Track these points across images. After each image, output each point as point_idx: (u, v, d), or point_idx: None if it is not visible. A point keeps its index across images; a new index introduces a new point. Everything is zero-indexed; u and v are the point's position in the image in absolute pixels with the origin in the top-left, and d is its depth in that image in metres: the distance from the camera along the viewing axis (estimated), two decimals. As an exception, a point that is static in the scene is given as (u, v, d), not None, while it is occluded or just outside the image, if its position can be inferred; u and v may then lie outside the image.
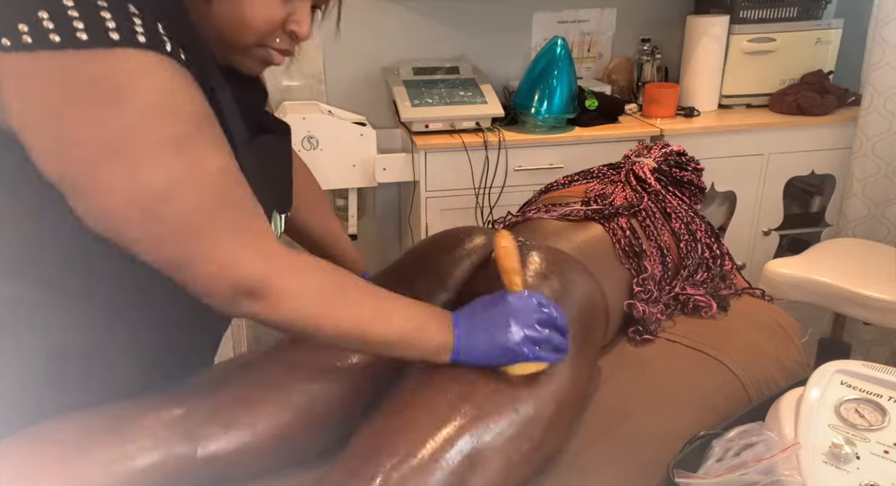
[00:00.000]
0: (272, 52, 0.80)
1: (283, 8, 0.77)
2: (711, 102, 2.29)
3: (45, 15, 0.60)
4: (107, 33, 0.61)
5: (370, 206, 2.37)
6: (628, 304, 1.14)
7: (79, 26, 0.60)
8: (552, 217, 1.24)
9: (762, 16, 2.23)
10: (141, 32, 0.63)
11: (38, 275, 0.74)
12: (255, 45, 0.79)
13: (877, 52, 2.06)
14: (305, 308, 0.73)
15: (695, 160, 1.43)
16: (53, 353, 0.77)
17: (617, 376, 1.05)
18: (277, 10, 0.77)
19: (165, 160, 0.65)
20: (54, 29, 0.60)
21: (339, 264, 1.24)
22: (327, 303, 0.75)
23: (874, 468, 0.81)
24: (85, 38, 0.60)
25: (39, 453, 0.75)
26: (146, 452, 0.78)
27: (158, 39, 0.65)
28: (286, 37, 0.80)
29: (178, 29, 0.70)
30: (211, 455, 0.81)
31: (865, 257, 1.84)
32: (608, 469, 0.90)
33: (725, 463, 0.84)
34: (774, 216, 2.26)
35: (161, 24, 0.66)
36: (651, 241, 1.22)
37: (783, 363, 1.16)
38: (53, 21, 0.60)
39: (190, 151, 0.66)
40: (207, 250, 0.68)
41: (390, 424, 0.80)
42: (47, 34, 0.60)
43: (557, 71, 2.04)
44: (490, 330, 0.82)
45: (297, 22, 0.79)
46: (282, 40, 0.80)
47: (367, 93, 2.28)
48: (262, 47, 0.79)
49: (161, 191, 0.65)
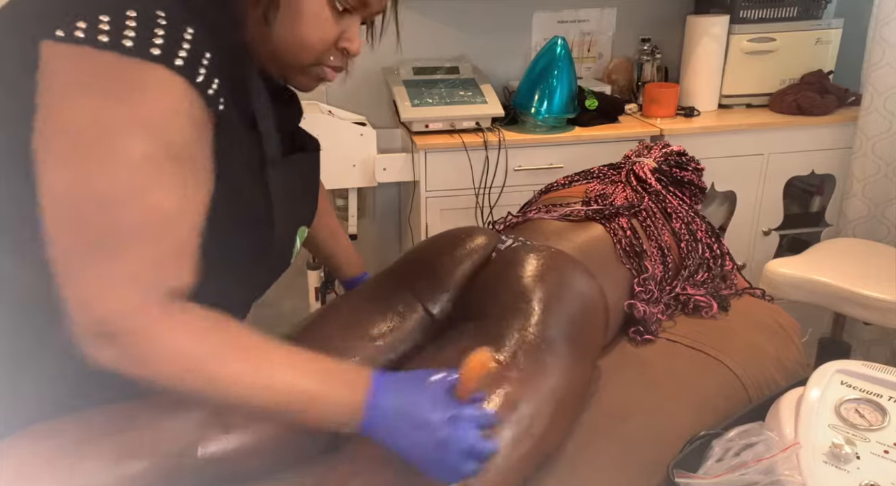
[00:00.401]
0: (326, 69, 0.84)
1: (336, 27, 0.80)
2: (711, 102, 2.28)
3: (105, 19, 0.64)
4: (150, 48, 0.65)
5: (370, 206, 2.37)
6: (629, 304, 1.14)
7: (129, 35, 0.65)
8: (553, 217, 1.24)
9: (762, 16, 2.23)
10: (182, 56, 0.67)
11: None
12: (312, 64, 0.82)
13: (877, 52, 2.06)
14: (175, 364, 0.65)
15: (695, 160, 1.43)
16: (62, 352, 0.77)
17: (617, 376, 1.05)
18: (331, 29, 0.80)
19: (113, 172, 0.64)
20: (107, 31, 0.64)
21: (340, 264, 1.26)
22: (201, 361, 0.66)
23: (874, 468, 0.81)
24: (129, 45, 0.64)
25: (39, 453, 0.75)
26: (147, 453, 0.78)
27: (195, 68, 0.68)
28: (339, 54, 0.84)
29: (228, 55, 0.72)
30: (211, 456, 0.81)
31: (865, 257, 1.84)
32: (608, 469, 0.90)
33: (725, 463, 0.84)
34: (774, 216, 2.25)
35: (209, 53, 0.69)
36: (652, 241, 1.22)
37: (783, 363, 1.16)
38: (110, 25, 0.64)
39: (142, 177, 0.65)
40: (86, 275, 0.64)
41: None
42: (98, 34, 0.64)
43: (557, 71, 2.04)
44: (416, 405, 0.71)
45: (348, 39, 0.83)
46: (336, 58, 0.84)
47: (367, 93, 2.27)
48: (318, 66, 0.83)
49: (90, 197, 0.64)
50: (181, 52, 0.66)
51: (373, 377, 0.72)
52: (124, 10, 0.65)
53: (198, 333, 0.67)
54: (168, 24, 0.66)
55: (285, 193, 0.83)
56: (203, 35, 0.69)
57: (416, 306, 1.01)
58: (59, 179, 0.64)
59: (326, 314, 1.03)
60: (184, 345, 0.66)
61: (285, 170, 0.84)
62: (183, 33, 0.67)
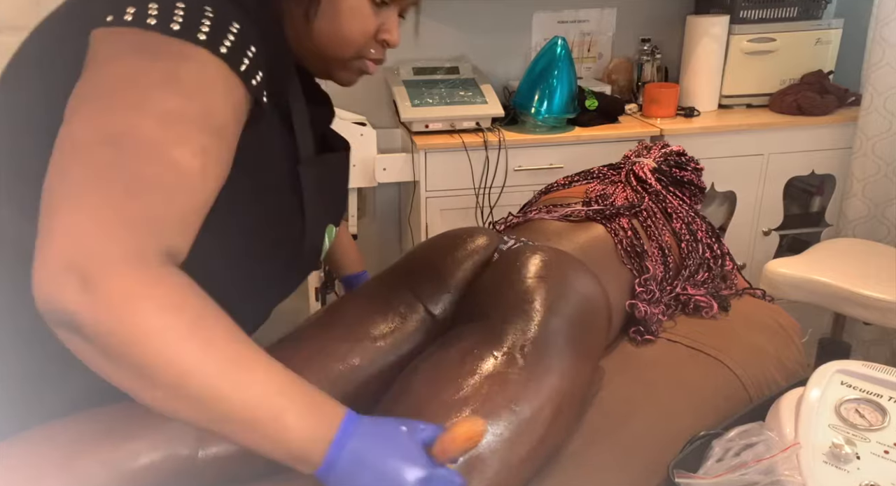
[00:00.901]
0: (367, 62, 0.85)
1: (375, 19, 0.82)
2: (711, 102, 2.29)
3: (154, 5, 0.66)
4: (196, 33, 0.66)
5: (370, 206, 2.37)
6: (630, 304, 1.14)
7: (177, 19, 0.65)
8: (553, 218, 1.24)
9: (762, 16, 2.23)
10: (227, 45, 0.67)
11: None
12: (353, 57, 0.83)
13: (877, 52, 2.06)
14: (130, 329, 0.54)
15: (695, 160, 1.43)
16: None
17: (618, 377, 1.05)
18: (371, 21, 0.81)
19: (137, 121, 0.61)
20: (155, 15, 0.65)
21: (339, 260, 1.26)
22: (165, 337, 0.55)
23: (874, 468, 0.81)
24: (176, 29, 0.65)
25: (40, 453, 0.75)
26: (147, 452, 0.78)
27: (238, 58, 0.68)
28: (379, 46, 0.85)
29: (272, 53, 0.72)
30: (212, 456, 0.81)
31: (865, 257, 1.85)
32: (609, 469, 0.90)
33: (725, 463, 0.84)
34: (774, 216, 2.26)
35: (254, 46, 0.69)
36: (652, 241, 1.22)
37: (783, 363, 1.16)
38: (158, 10, 0.65)
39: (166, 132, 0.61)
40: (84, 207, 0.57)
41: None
42: (146, 18, 0.65)
43: (557, 71, 2.04)
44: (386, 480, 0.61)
45: (388, 30, 0.84)
46: (376, 50, 0.85)
47: (367, 93, 2.27)
48: (359, 59, 0.84)
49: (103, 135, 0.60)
50: (226, 41, 0.67)
51: (347, 414, 0.62)
52: (174, 1, 0.66)
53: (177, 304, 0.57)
54: (215, 17, 0.67)
55: (316, 191, 0.84)
56: (249, 31, 0.70)
57: (417, 307, 1.01)
58: (80, 123, 0.61)
59: (328, 315, 1.03)
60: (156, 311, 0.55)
61: (317, 168, 0.85)
62: (229, 26, 0.68)
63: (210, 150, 0.65)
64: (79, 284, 0.54)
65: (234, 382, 0.57)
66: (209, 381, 0.56)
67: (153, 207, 0.59)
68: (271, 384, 0.60)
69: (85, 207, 0.57)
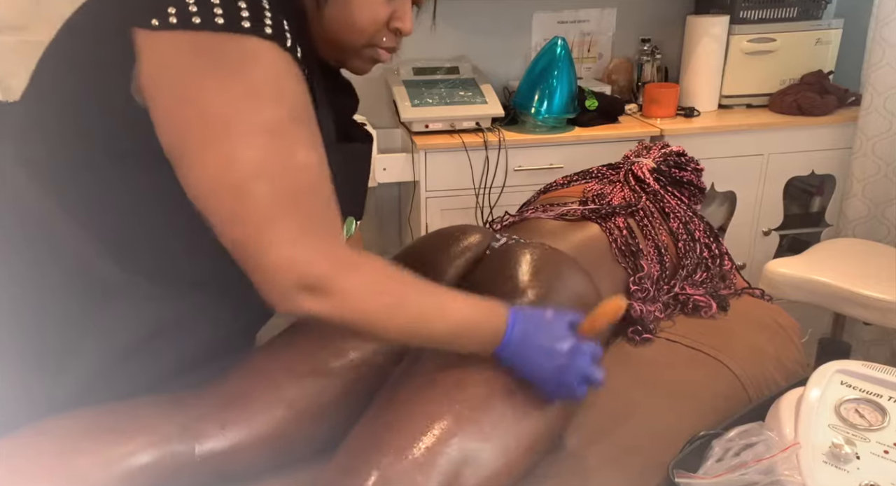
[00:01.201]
0: (380, 51, 0.86)
1: (387, 7, 0.82)
2: (711, 102, 2.28)
3: (191, 1, 0.68)
4: (240, 21, 0.68)
5: (370, 206, 2.37)
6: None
7: (218, 12, 0.68)
8: (549, 217, 1.24)
9: (762, 16, 2.23)
10: (269, 25, 0.70)
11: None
12: (365, 45, 0.84)
13: (877, 52, 2.06)
14: (367, 308, 0.73)
15: (694, 160, 1.43)
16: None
17: (617, 376, 1.05)
18: (382, 9, 0.82)
19: (257, 143, 0.68)
20: (197, 12, 0.68)
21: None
22: (389, 303, 0.74)
23: (874, 468, 0.81)
24: (221, 22, 0.68)
25: (39, 450, 0.76)
26: (144, 450, 0.78)
27: (282, 34, 0.71)
28: (391, 34, 0.85)
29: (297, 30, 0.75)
30: (208, 454, 0.81)
31: (865, 257, 1.84)
32: (608, 469, 0.90)
33: (725, 463, 0.84)
34: (774, 216, 2.25)
35: (287, 22, 0.72)
36: (648, 240, 1.22)
37: (783, 363, 1.16)
38: (197, 6, 0.68)
39: (282, 139, 0.70)
40: (276, 239, 0.69)
41: (386, 421, 0.80)
42: (191, 17, 0.68)
43: (557, 71, 2.04)
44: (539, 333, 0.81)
45: (400, 19, 0.84)
46: (388, 39, 0.85)
47: (367, 93, 2.26)
48: (371, 47, 0.85)
49: (246, 171, 0.68)
50: (267, 20, 0.70)
51: (511, 311, 0.81)
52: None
53: (385, 276, 0.75)
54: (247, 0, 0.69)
55: (339, 181, 0.83)
56: (277, 9, 0.72)
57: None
58: (207, 165, 0.68)
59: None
60: (381, 290, 0.74)
61: (336, 157, 0.85)
62: (262, 3, 0.70)
63: (311, 132, 0.73)
64: (311, 296, 0.69)
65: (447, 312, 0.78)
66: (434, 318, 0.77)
67: (315, 208, 0.72)
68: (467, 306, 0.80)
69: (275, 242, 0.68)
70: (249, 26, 0.68)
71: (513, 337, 0.80)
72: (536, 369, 0.81)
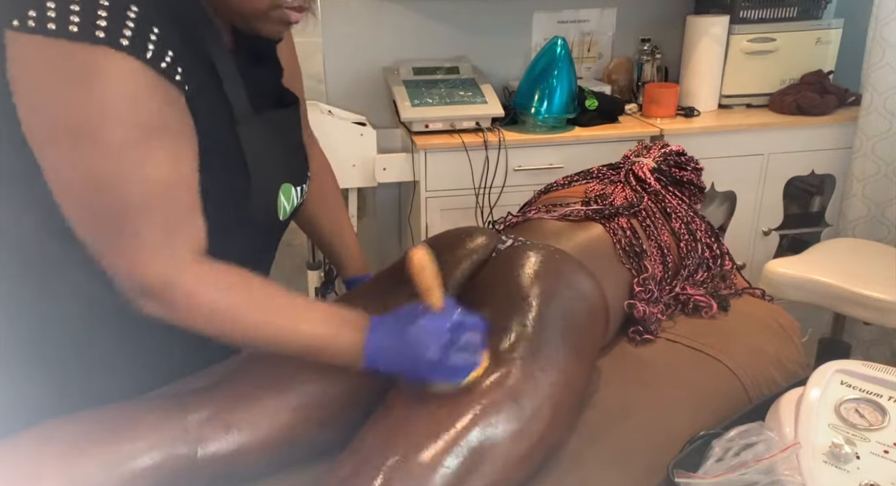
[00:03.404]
0: (287, 11, 0.83)
1: None
2: (711, 102, 2.28)
3: (51, 5, 0.67)
4: (95, 31, 0.67)
5: (370, 206, 2.37)
6: (629, 304, 1.14)
7: (73, 20, 0.67)
8: (552, 217, 1.24)
9: (762, 16, 2.23)
10: (127, 36, 0.69)
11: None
12: (269, 6, 0.82)
13: (877, 52, 2.06)
14: (206, 315, 0.75)
15: (694, 160, 1.43)
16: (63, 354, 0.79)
17: (617, 376, 1.05)
18: None
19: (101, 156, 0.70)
20: (54, 18, 0.67)
21: (341, 261, 1.26)
22: (234, 312, 0.76)
23: (874, 468, 0.81)
24: (75, 30, 0.67)
25: (40, 452, 0.76)
26: (147, 452, 0.78)
27: (142, 45, 0.70)
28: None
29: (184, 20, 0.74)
30: (211, 456, 0.81)
31: (865, 257, 1.84)
32: (608, 469, 0.90)
33: (725, 463, 0.84)
34: (774, 216, 2.25)
35: (157, 27, 0.71)
36: (651, 241, 1.22)
37: (783, 363, 1.16)
38: (56, 11, 0.67)
39: (129, 153, 0.71)
40: (122, 246, 0.73)
41: (391, 423, 0.80)
42: (47, 23, 0.67)
43: (557, 71, 2.04)
44: (406, 346, 0.80)
45: None
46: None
47: (367, 93, 2.27)
48: (277, 9, 0.82)
49: (90, 184, 0.71)
50: (126, 31, 0.69)
51: (371, 320, 0.81)
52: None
53: (229, 287, 0.76)
54: (110, 5, 0.68)
55: (262, 149, 0.85)
56: (149, 10, 0.71)
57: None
58: (59, 166, 0.71)
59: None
60: (219, 298, 0.75)
61: (261, 127, 0.86)
62: (126, 11, 0.69)
63: (170, 146, 0.74)
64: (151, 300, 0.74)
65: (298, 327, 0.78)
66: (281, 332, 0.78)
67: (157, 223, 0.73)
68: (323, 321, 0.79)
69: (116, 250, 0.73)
70: (104, 36, 0.67)
71: (375, 351, 0.79)
72: (413, 372, 0.80)
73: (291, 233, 1.24)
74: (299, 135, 1.00)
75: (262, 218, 0.89)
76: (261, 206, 0.87)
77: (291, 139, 0.97)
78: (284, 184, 0.91)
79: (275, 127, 0.91)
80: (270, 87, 0.95)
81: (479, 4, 2.27)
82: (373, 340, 0.79)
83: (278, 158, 0.91)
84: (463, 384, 0.81)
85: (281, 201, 0.91)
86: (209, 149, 0.79)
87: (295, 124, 0.98)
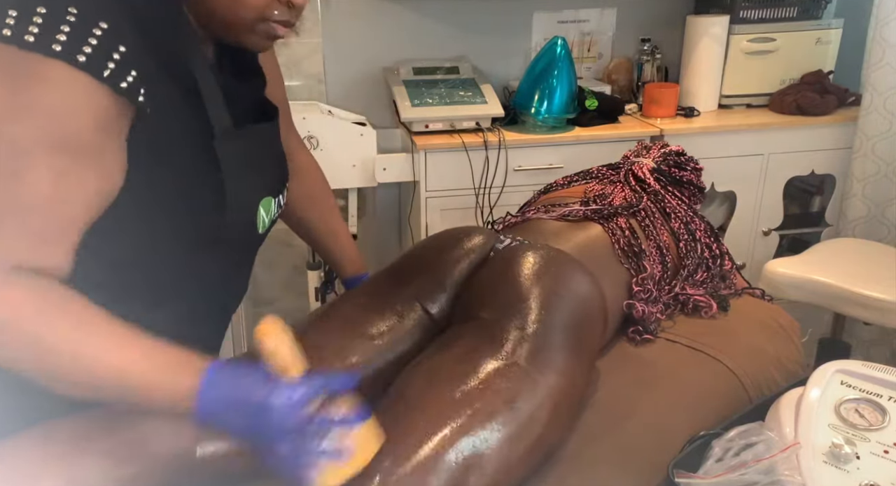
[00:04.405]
0: (273, 25, 0.82)
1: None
2: (711, 102, 2.28)
3: (13, 13, 0.66)
4: (51, 44, 0.66)
5: (370, 206, 2.37)
6: (627, 304, 1.14)
7: (32, 30, 0.65)
8: (552, 218, 1.24)
9: (762, 16, 2.23)
10: (86, 53, 0.67)
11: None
12: (256, 20, 0.80)
13: (877, 52, 2.06)
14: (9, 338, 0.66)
15: (694, 160, 1.43)
16: None
17: (617, 376, 1.05)
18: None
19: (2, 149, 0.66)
20: (12, 26, 0.65)
21: (339, 262, 1.26)
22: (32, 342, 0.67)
23: (874, 468, 0.81)
24: (30, 40, 0.65)
25: (40, 452, 0.75)
26: (145, 452, 0.78)
27: (100, 63, 0.68)
28: (283, 7, 0.81)
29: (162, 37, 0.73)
30: (210, 455, 0.81)
31: (865, 257, 1.84)
32: (608, 469, 0.90)
33: (725, 463, 0.84)
34: (774, 216, 2.25)
35: (124, 46, 0.69)
36: (650, 240, 1.22)
37: (783, 363, 1.16)
38: (16, 20, 0.66)
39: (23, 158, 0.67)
40: None
41: (389, 424, 0.80)
42: (3, 29, 0.65)
43: (557, 71, 2.04)
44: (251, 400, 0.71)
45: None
46: (280, 12, 0.81)
47: (367, 93, 2.27)
48: (264, 22, 0.81)
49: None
50: (86, 48, 0.67)
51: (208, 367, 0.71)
52: (35, 6, 0.66)
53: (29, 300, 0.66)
54: (77, 21, 0.67)
55: (241, 164, 0.83)
56: (119, 27, 0.69)
57: (414, 306, 1.01)
58: None
59: (326, 314, 1.03)
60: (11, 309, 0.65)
61: (241, 141, 0.84)
62: (92, 29, 0.68)
63: (77, 169, 0.69)
64: None
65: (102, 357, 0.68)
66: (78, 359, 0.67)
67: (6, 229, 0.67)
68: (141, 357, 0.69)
69: None
70: (60, 50, 0.66)
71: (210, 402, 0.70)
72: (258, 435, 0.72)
73: (292, 233, 1.24)
74: (279, 147, 0.98)
75: (242, 233, 0.88)
76: (240, 221, 0.86)
77: (273, 151, 0.96)
78: (265, 198, 0.90)
79: (256, 141, 0.89)
80: (252, 100, 0.94)
81: (479, 4, 2.27)
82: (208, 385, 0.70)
83: (260, 171, 0.89)
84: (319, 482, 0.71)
85: (261, 215, 0.90)
86: (184, 166, 0.78)
87: (273, 137, 0.97)
